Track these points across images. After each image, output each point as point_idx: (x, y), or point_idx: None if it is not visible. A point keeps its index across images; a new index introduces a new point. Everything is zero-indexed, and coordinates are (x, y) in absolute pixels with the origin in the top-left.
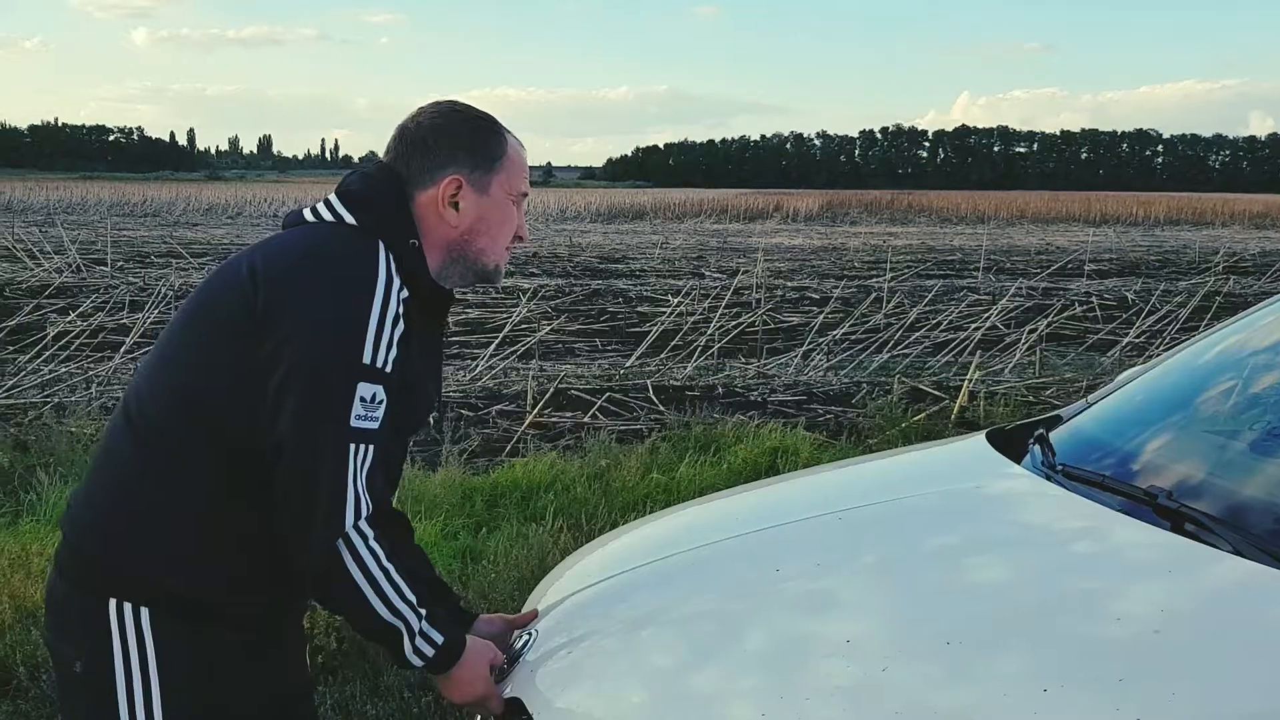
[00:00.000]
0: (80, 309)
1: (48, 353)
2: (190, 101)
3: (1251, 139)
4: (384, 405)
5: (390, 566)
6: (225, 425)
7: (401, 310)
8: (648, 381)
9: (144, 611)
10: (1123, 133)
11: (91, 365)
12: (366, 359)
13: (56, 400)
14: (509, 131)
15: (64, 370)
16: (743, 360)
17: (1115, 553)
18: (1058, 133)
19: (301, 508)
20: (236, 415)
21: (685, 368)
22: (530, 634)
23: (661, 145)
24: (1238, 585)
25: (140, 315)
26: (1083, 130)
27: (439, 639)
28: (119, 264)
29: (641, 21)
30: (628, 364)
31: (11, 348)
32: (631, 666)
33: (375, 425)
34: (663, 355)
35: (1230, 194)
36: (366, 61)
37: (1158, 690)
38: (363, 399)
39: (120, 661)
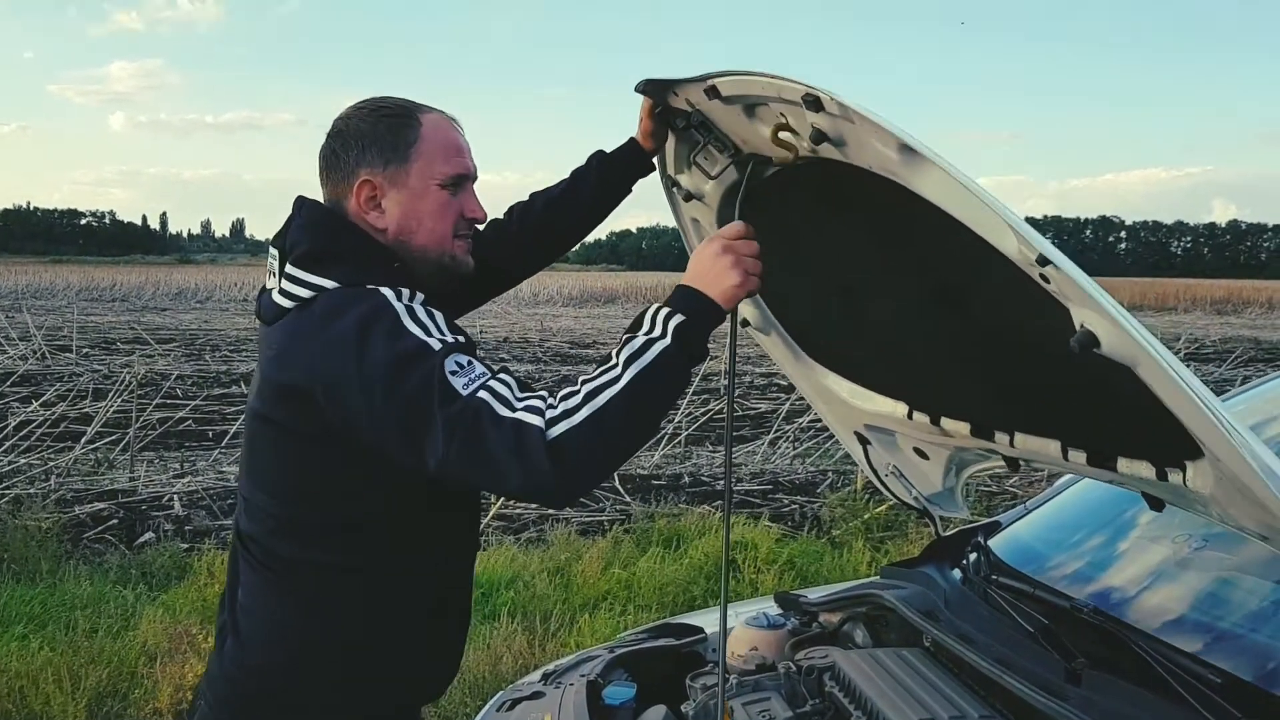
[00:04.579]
0: (43, 398)
1: (8, 443)
2: (165, 185)
3: (1212, 225)
4: (474, 362)
5: (584, 392)
6: (353, 519)
7: (422, 299)
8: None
9: None
10: (1086, 219)
11: (52, 456)
12: (435, 345)
13: (15, 493)
14: (430, 110)
15: (23, 462)
16: (709, 448)
17: None
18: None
19: (505, 476)
20: (355, 504)
21: (653, 455)
22: None
23: (634, 229)
24: None
25: (103, 404)
26: (1046, 217)
27: (665, 316)
28: (84, 350)
29: (620, 103)
30: None
31: None
32: None
33: (484, 374)
34: None
35: (1192, 279)
36: None
37: None
38: (453, 371)
39: None
